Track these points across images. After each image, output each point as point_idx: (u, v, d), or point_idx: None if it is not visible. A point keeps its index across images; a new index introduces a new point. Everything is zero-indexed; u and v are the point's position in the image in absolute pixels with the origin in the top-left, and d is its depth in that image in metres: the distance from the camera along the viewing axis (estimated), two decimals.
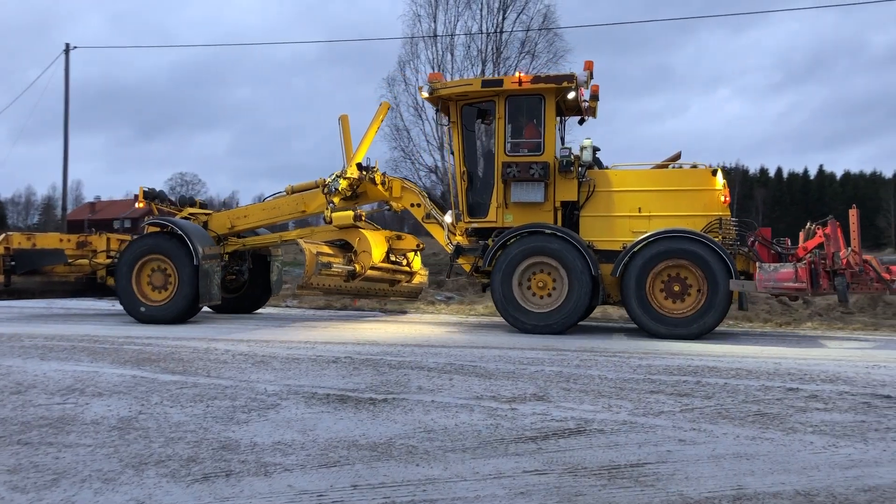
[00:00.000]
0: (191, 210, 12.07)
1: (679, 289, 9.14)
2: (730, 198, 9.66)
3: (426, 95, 10.30)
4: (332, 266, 10.34)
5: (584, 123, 11.05)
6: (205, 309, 11.30)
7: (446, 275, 12.31)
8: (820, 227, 9.11)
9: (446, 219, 10.56)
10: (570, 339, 8.78)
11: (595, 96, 10.43)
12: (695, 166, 9.97)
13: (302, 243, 10.33)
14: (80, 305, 14.05)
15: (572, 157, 9.83)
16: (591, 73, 10.12)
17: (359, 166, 11.02)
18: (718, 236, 9.26)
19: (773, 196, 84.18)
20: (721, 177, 9.59)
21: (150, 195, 12.14)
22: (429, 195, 11.68)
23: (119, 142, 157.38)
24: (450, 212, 10.64)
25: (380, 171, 11.26)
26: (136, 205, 13.09)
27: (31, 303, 13.09)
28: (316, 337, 8.76)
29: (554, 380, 5.86)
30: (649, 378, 5.98)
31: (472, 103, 10.34)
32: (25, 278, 11.57)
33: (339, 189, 10.77)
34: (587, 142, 10.03)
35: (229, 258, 11.93)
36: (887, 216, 76.32)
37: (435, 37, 30.01)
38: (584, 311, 9.59)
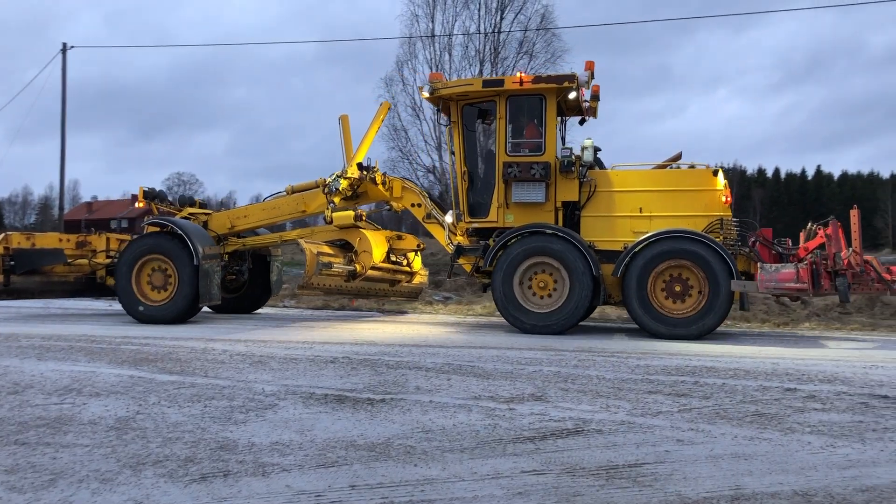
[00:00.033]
0: (191, 210, 12.05)
1: (680, 289, 9.14)
2: (731, 198, 9.66)
3: (427, 95, 10.29)
4: (333, 266, 10.33)
5: (584, 124, 11.06)
6: (204, 309, 11.29)
7: (447, 275, 12.29)
8: (821, 228, 9.10)
9: (447, 219, 10.55)
10: (568, 340, 8.79)
11: (596, 96, 10.43)
12: (692, 167, 9.98)
13: (303, 243, 10.31)
14: (78, 305, 14.03)
15: (573, 157, 9.82)
16: (593, 74, 10.12)
17: (359, 166, 11.01)
18: (720, 236, 9.26)
19: (770, 196, 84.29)
20: (722, 177, 9.59)
21: (150, 195, 12.12)
22: (428, 195, 11.66)
23: (116, 141, 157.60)
24: (450, 212, 10.63)
25: (380, 171, 11.26)
26: (136, 204, 13.11)
27: (28, 303, 13.06)
28: (314, 337, 8.76)
29: (552, 380, 5.86)
30: (647, 378, 5.98)
31: (473, 103, 10.33)
32: (25, 278, 11.55)
33: (340, 189, 10.76)
34: (588, 142, 10.02)
35: (229, 258, 11.92)
36: (884, 216, 76.48)
37: (433, 37, 30.05)
38: (585, 311, 9.59)
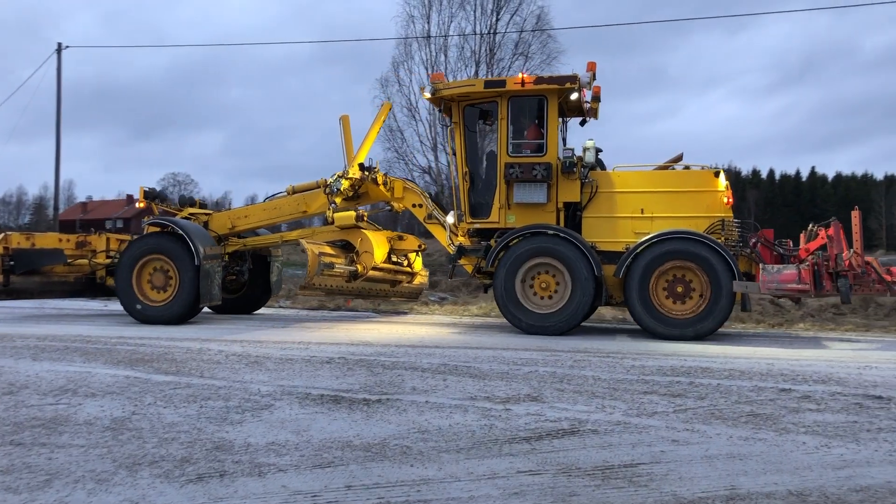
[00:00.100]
0: (191, 210, 12.04)
1: (682, 290, 9.13)
2: (732, 199, 9.68)
3: (428, 96, 10.29)
4: (335, 266, 10.32)
5: (585, 125, 11.07)
6: (204, 309, 11.26)
7: (448, 275, 12.28)
8: (822, 229, 9.11)
9: (448, 219, 10.55)
10: (564, 340, 8.79)
11: (597, 97, 10.43)
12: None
13: (304, 243, 10.30)
14: (73, 306, 14.00)
15: (575, 157, 9.83)
16: (594, 75, 10.12)
17: (361, 166, 11.01)
18: (721, 237, 9.27)
19: (765, 198, 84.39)
20: (724, 178, 9.61)
21: (151, 195, 12.11)
22: (429, 196, 11.66)
23: (112, 141, 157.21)
24: (451, 212, 10.63)
25: (381, 171, 11.26)
26: (137, 204, 13.06)
27: (24, 303, 13.02)
28: (310, 337, 8.75)
29: (548, 380, 5.87)
30: (643, 379, 5.99)
31: (475, 104, 10.32)
32: (24, 278, 11.53)
33: (342, 189, 10.76)
34: (590, 143, 10.02)
35: (229, 258, 11.91)
36: (878, 218, 76.63)
37: (428, 38, 30.05)
38: (587, 312, 9.58)
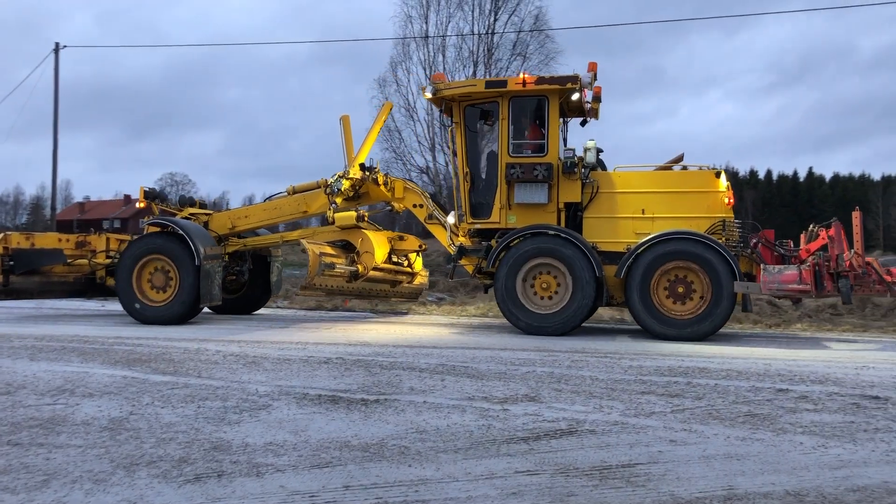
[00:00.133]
0: (191, 210, 12.04)
1: (683, 290, 9.13)
2: (733, 200, 9.68)
3: (429, 96, 10.28)
4: (336, 267, 10.32)
5: (586, 125, 11.08)
6: (203, 309, 11.25)
7: (448, 276, 12.27)
8: (823, 229, 9.12)
9: (449, 220, 10.55)
10: (562, 340, 8.80)
11: (598, 98, 10.41)
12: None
13: (305, 243, 10.30)
14: (70, 306, 13.99)
15: (576, 158, 9.83)
16: (595, 75, 10.12)
17: (361, 167, 11.01)
18: (722, 238, 9.27)
19: (762, 198, 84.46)
20: (725, 179, 9.61)
21: (151, 195, 12.11)
22: (430, 196, 11.65)
23: (109, 141, 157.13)
24: (452, 213, 10.63)
25: (381, 171, 11.26)
26: (137, 204, 13.04)
27: (21, 303, 13.00)
28: (307, 338, 8.75)
29: (545, 380, 5.87)
30: (640, 379, 5.99)
31: (476, 104, 10.32)
32: (24, 278, 11.52)
33: (342, 189, 10.76)
34: (591, 143, 10.02)
35: (230, 258, 11.91)
36: (875, 218, 76.72)
37: (426, 38, 30.03)
38: (587, 313, 9.58)
